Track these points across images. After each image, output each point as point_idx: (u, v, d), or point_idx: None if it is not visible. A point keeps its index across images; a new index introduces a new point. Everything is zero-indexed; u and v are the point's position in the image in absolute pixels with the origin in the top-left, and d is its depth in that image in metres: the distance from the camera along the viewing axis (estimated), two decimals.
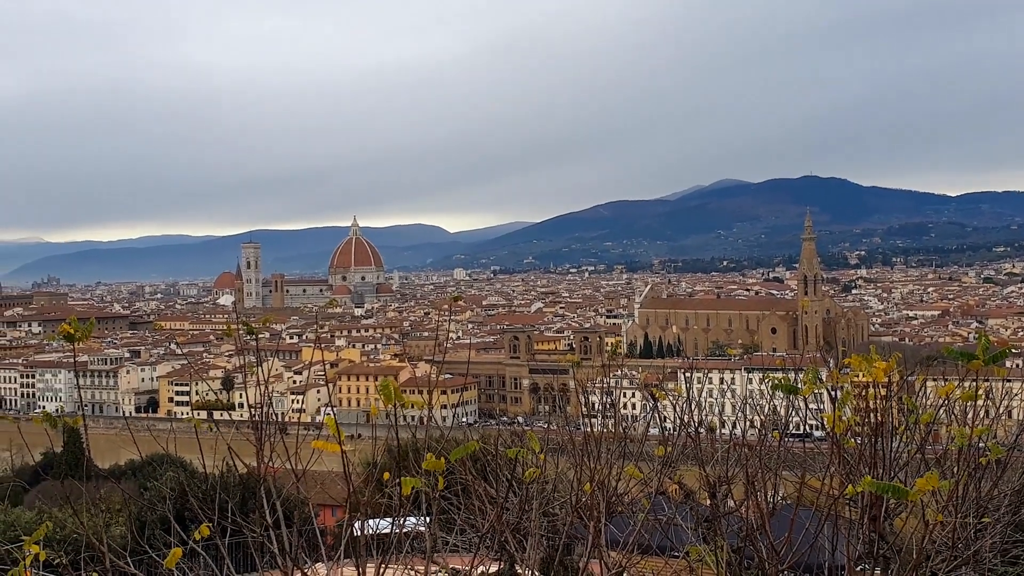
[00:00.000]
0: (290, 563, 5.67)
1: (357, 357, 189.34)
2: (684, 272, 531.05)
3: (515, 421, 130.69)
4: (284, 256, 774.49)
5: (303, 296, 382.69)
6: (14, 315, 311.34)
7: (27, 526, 30.95)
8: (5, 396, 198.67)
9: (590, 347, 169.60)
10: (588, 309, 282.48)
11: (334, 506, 36.01)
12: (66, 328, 4.95)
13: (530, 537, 7.17)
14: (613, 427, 9.30)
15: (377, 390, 5.74)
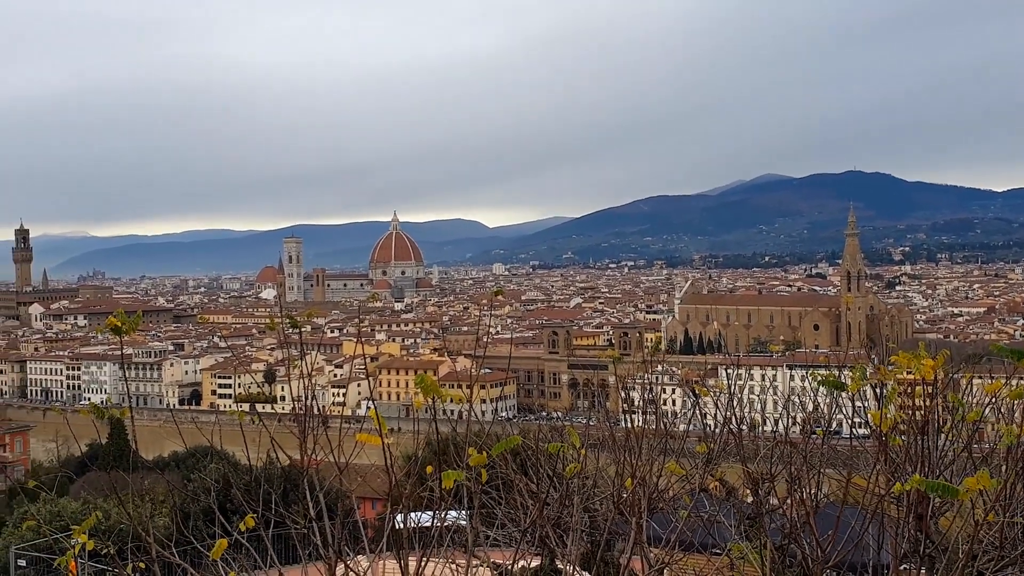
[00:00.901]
0: (333, 555, 5.70)
1: (397, 351, 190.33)
2: (725, 268, 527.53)
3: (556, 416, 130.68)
4: (325, 251, 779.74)
5: (344, 290, 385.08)
6: (60, 308, 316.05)
7: (73, 516, 31.46)
8: (52, 388, 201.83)
9: (629, 343, 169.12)
10: (627, 305, 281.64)
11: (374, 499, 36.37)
12: (113, 321, 5.01)
13: (571, 532, 7.16)
14: (654, 423, 9.26)
15: (416, 384, 5.75)
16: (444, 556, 6.40)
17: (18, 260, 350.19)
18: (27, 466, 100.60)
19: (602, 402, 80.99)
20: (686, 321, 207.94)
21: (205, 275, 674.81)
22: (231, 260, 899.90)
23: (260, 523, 5.89)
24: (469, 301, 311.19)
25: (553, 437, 10.41)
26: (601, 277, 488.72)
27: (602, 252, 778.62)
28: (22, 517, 37.39)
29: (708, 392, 9.97)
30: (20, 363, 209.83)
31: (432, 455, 6.92)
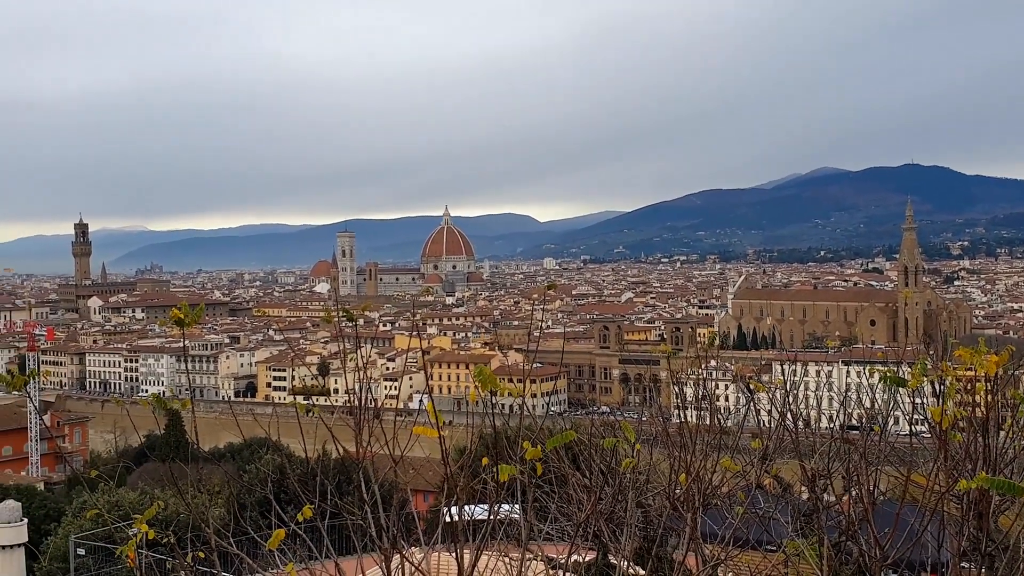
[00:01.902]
0: (388, 546, 5.74)
1: (448, 345, 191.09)
2: (779, 262, 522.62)
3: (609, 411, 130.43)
4: (378, 245, 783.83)
5: (396, 284, 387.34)
6: (119, 301, 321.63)
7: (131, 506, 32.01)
8: (110, 380, 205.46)
9: (681, 338, 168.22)
10: (680, 299, 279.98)
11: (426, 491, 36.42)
12: (176, 313, 5.10)
13: (625, 527, 7.14)
14: (708, 419, 9.21)
15: (473, 377, 5.77)
16: (497, 549, 6.41)
17: (77, 254, 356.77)
18: (86, 456, 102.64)
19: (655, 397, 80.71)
20: (739, 316, 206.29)
21: (260, 269, 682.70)
22: (286, 254, 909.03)
23: (316, 514, 5.95)
24: (520, 296, 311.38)
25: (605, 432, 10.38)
26: (653, 272, 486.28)
27: (654, 246, 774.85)
28: (82, 507, 38.12)
29: (764, 388, 9.88)
30: (79, 355, 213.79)
31: (484, 448, 6.94)
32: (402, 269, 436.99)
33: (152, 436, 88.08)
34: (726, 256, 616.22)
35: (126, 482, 52.83)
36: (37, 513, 44.63)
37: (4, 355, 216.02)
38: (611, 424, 11.45)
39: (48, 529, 39.82)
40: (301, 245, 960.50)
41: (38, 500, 54.33)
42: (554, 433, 6.50)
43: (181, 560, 5.72)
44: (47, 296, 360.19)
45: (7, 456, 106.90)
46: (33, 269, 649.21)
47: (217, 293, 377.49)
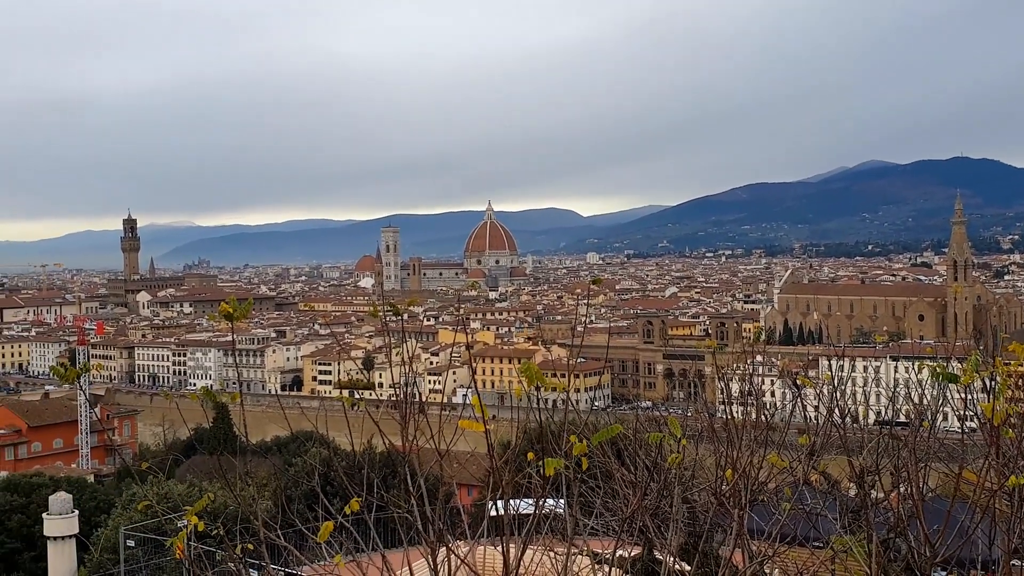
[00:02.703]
0: (434, 539, 5.77)
1: (491, 340, 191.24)
2: (826, 257, 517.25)
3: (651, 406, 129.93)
4: (421, 240, 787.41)
5: (439, 279, 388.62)
6: (167, 296, 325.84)
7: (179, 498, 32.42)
8: (159, 373, 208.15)
9: (726, 333, 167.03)
10: (725, 294, 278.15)
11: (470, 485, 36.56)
12: (225, 308, 5.16)
13: (671, 523, 7.12)
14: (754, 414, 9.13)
15: (518, 372, 5.77)
16: (543, 544, 6.42)
17: (126, 249, 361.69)
18: (135, 449, 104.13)
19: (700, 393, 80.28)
20: (786, 311, 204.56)
21: (306, 264, 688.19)
22: (331, 249, 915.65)
23: (363, 507, 5.99)
24: (563, 290, 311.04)
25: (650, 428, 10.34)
26: (698, 266, 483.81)
27: (699, 241, 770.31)
28: (131, 499, 38.64)
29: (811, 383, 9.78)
30: (128, 349, 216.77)
31: (528, 443, 6.95)
32: (445, 264, 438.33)
33: (200, 429, 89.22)
34: (772, 250, 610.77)
35: (174, 475, 53.47)
36: (88, 505, 45.34)
37: (55, 349, 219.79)
38: (656, 420, 11.42)
39: (98, 521, 40.39)
40: (346, 240, 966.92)
41: (88, 492, 55.15)
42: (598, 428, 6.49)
43: (231, 552, 5.78)
44: (97, 291, 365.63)
45: (58, 448, 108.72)
46: (83, 264, 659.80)
47: (263, 288, 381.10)
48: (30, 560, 47.44)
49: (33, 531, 45.15)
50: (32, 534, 46.45)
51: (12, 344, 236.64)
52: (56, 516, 26.88)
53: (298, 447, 58.83)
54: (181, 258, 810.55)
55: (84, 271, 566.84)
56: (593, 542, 7.52)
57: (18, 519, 52.25)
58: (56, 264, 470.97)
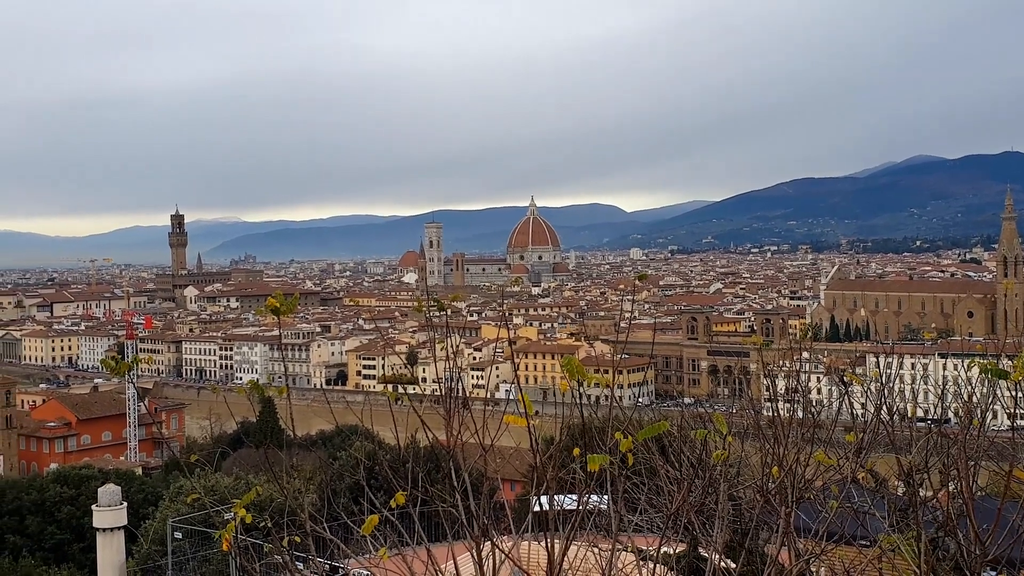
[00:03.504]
0: (479, 534, 5.78)
1: (534, 335, 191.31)
2: (874, 252, 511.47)
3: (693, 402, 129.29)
4: (464, 235, 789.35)
5: (482, 275, 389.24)
6: (214, 291, 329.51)
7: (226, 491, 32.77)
8: (205, 368, 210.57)
9: (772, 329, 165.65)
10: (770, 290, 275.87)
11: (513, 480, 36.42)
12: (272, 303, 5.21)
13: (717, 520, 7.08)
14: (800, 412, 9.06)
15: (562, 367, 5.77)
16: (587, 540, 6.41)
17: (174, 244, 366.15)
18: (182, 442, 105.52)
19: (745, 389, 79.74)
20: (832, 308, 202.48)
21: (350, 259, 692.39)
22: (375, 244, 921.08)
23: (408, 501, 6.02)
24: (606, 286, 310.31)
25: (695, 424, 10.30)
26: (743, 262, 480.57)
27: (744, 236, 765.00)
28: (179, 491, 39.10)
29: (859, 380, 9.68)
30: (176, 343, 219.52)
31: (571, 439, 6.94)
32: (488, 259, 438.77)
33: (246, 423, 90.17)
34: (818, 246, 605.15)
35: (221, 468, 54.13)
36: (136, 497, 46.00)
37: (103, 343, 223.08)
38: (700, 416, 11.36)
39: (146, 513, 40.93)
40: (390, 236, 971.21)
41: (136, 484, 55.99)
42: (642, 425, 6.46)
43: (278, 544, 5.84)
44: (145, 286, 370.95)
45: (107, 441, 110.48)
46: (131, 259, 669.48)
47: (308, 283, 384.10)
48: (79, 551, 48.27)
49: (82, 522, 45.94)
50: (81, 525, 47.27)
51: (62, 338, 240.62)
52: (105, 508, 27.21)
53: (342, 441, 59.29)
54: (228, 253, 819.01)
55: (132, 266, 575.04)
56: (637, 538, 7.50)
57: (68, 511, 53.20)
58: (105, 259, 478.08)
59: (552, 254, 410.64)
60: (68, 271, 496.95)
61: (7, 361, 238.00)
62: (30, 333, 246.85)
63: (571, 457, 6.22)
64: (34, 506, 54.41)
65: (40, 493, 55.35)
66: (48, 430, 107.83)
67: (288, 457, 7.24)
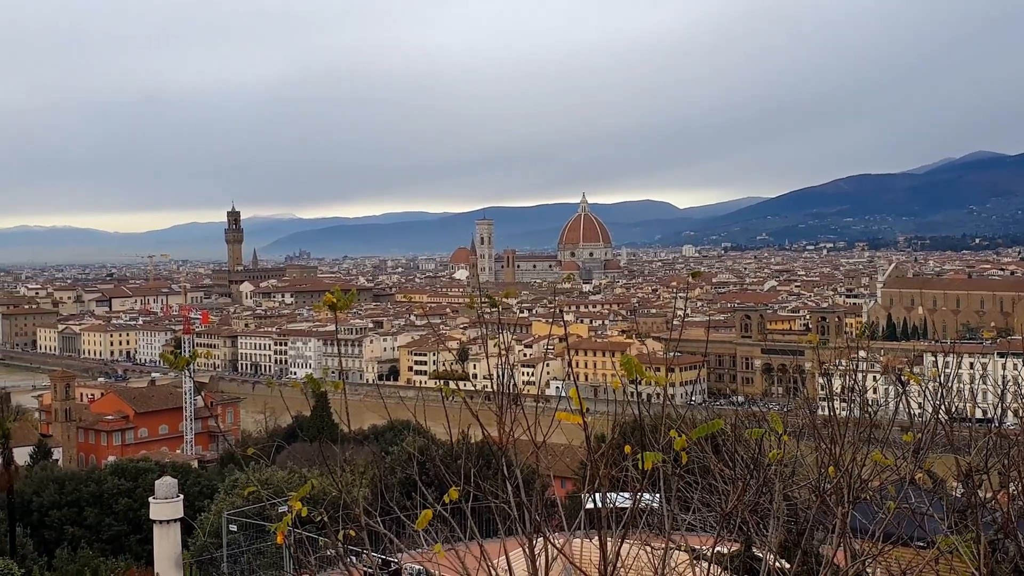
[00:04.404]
0: (532, 530, 5.79)
1: (585, 332, 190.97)
2: (932, 250, 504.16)
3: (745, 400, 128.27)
4: (515, 232, 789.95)
5: (533, 272, 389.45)
6: (269, 286, 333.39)
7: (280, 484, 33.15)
8: (260, 362, 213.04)
9: (827, 327, 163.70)
10: (826, 288, 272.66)
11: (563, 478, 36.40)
12: (329, 298, 5.26)
13: (772, 519, 7.02)
14: (857, 411, 8.95)
15: (615, 364, 5.76)
16: (639, 538, 6.39)
17: (230, 241, 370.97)
18: (237, 436, 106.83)
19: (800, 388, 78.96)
20: (889, 306, 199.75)
21: (403, 256, 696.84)
22: (427, 241, 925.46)
23: (461, 496, 6.04)
24: (658, 283, 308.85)
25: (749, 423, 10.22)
26: (798, 259, 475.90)
27: (799, 233, 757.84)
28: (234, 484, 39.60)
29: (917, 379, 9.54)
30: (232, 338, 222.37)
31: (622, 437, 6.92)
32: (539, 256, 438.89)
33: (300, 417, 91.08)
34: (875, 243, 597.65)
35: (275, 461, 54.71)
36: (192, 490, 46.61)
37: (161, 337, 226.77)
38: (755, 415, 11.27)
39: (201, 506, 41.52)
40: (441, 232, 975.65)
41: (192, 477, 56.76)
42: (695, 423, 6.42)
43: (333, 538, 5.89)
44: (201, 281, 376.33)
45: (164, 434, 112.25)
46: (188, 255, 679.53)
47: (361, 279, 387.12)
48: (136, 543, 49.04)
49: (139, 514, 46.66)
50: (138, 517, 48.00)
51: (120, 332, 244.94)
52: (162, 500, 27.65)
53: (394, 436, 59.69)
54: (283, 249, 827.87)
55: (190, 262, 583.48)
56: (690, 537, 7.46)
57: (125, 503, 54.09)
58: (163, 255, 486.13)
59: (603, 251, 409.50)
60: (127, 267, 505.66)
61: (67, 355, 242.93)
62: (89, 328, 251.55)
63: (624, 455, 6.20)
64: (92, 498, 55.34)
65: (98, 485, 56.31)
66: (106, 423, 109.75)
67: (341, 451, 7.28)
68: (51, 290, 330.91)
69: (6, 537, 45.97)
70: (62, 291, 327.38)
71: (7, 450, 52.00)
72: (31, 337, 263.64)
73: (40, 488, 56.41)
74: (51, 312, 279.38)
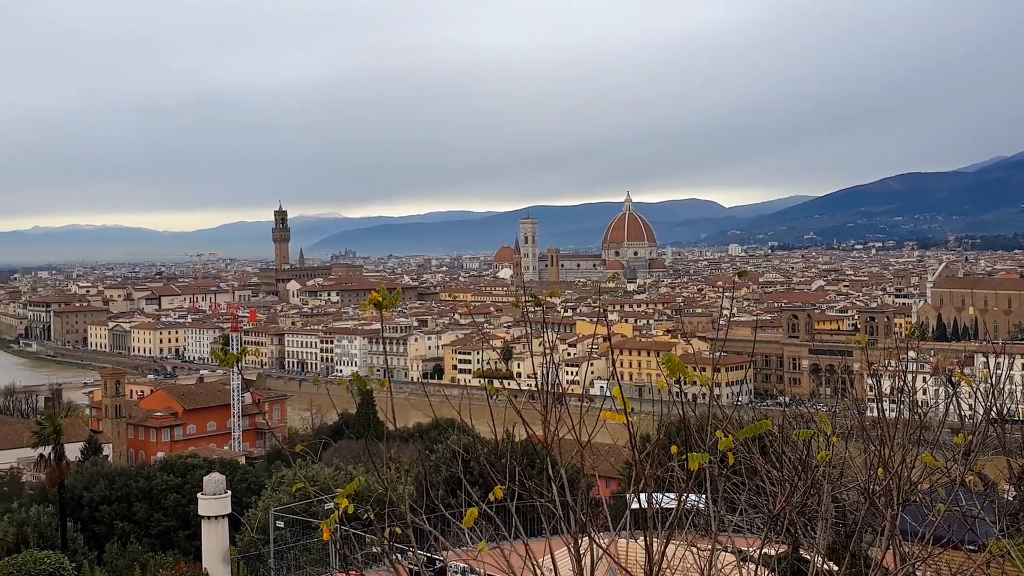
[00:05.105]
0: (577, 531, 5.78)
1: (629, 332, 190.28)
2: (983, 250, 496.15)
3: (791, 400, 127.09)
4: (559, 231, 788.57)
5: (577, 271, 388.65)
6: (315, 285, 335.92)
7: (326, 481, 33.39)
8: (307, 360, 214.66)
9: (876, 328, 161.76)
10: (874, 288, 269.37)
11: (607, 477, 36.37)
12: (375, 297, 5.29)
13: (820, 521, 6.95)
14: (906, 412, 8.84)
15: (660, 364, 5.73)
16: (685, 539, 6.36)
17: (277, 240, 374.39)
18: (284, 433, 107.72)
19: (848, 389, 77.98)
20: (939, 306, 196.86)
21: (447, 255, 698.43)
22: (471, 240, 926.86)
23: (506, 495, 6.05)
24: (703, 283, 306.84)
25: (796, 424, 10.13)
26: (846, 259, 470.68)
27: (847, 232, 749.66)
28: (281, 480, 39.97)
29: (968, 380, 9.40)
30: (278, 336, 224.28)
31: (667, 437, 6.89)
32: (583, 255, 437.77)
33: (345, 414, 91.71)
34: (925, 243, 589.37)
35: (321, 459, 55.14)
36: (239, 486, 47.08)
37: (209, 335, 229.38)
38: (802, 416, 11.16)
39: (249, 502, 41.89)
40: (485, 231, 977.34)
41: (240, 474, 57.28)
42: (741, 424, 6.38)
43: (380, 535, 5.92)
44: (249, 280, 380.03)
45: (212, 431, 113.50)
46: (236, 254, 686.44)
47: (406, 278, 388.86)
48: (185, 538, 49.64)
49: (188, 510, 47.20)
50: (187, 513, 48.57)
51: (169, 330, 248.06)
52: (210, 496, 27.97)
53: (439, 434, 59.86)
54: (328, 248, 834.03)
55: (237, 260, 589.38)
56: (737, 539, 7.42)
57: (174, 498, 54.73)
58: (211, 254, 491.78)
59: (648, 250, 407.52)
60: (176, 265, 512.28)
61: (117, 352, 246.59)
62: (139, 325, 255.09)
63: (669, 455, 6.18)
64: (142, 493, 56.03)
65: (147, 481, 57.00)
66: (156, 419, 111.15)
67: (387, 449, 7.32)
68: (102, 288, 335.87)
69: (57, 532, 46.74)
70: (112, 289, 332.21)
71: (59, 446, 52.91)
72: (82, 335, 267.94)
73: (91, 484, 57.22)
74: (102, 310, 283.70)
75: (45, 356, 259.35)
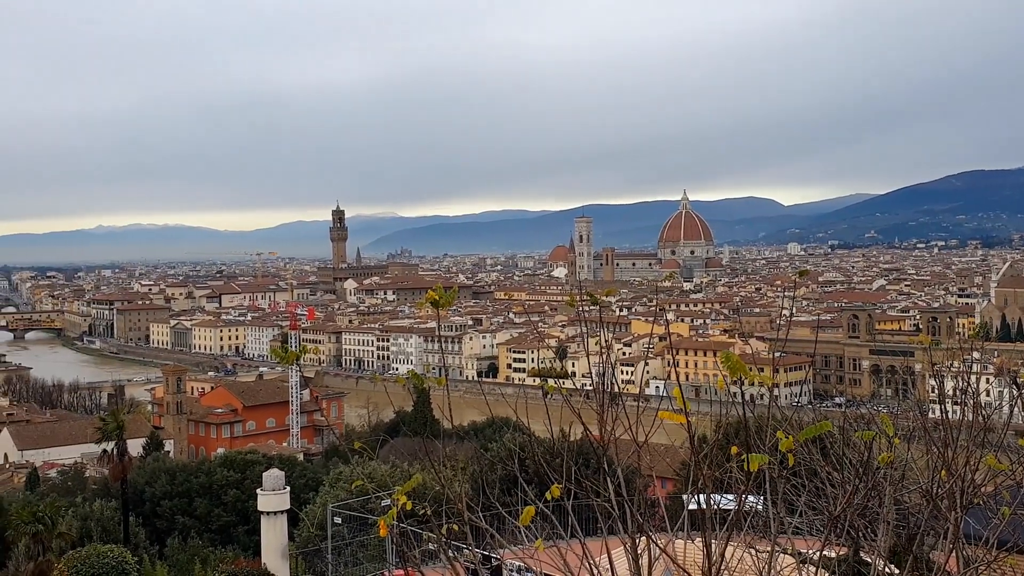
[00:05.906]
0: (635, 530, 5.76)
1: (686, 331, 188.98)
2: None
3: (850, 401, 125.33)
4: (614, 230, 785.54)
5: (632, 270, 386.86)
6: (372, 283, 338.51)
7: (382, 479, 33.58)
8: (364, 358, 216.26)
9: (939, 328, 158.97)
10: (937, 287, 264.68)
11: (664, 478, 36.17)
12: (432, 295, 5.32)
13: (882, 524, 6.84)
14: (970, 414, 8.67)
15: (719, 363, 5.68)
16: (744, 541, 6.30)
17: (335, 239, 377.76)
18: (341, 430, 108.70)
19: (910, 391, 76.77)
20: (1003, 306, 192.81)
21: (501, 254, 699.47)
22: (525, 239, 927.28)
23: (563, 494, 6.04)
24: (762, 282, 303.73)
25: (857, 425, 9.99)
26: (908, 258, 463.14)
27: (909, 231, 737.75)
28: (338, 477, 40.28)
29: None
30: (336, 334, 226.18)
31: (725, 437, 6.83)
32: (638, 254, 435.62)
33: (401, 412, 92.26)
34: (989, 242, 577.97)
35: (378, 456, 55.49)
36: (297, 482, 47.56)
37: (268, 333, 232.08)
38: (863, 417, 11.00)
39: (307, 498, 42.28)
40: (540, 230, 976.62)
41: (298, 470, 57.89)
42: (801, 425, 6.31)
43: (438, 532, 5.95)
44: (307, 278, 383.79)
45: (271, 427, 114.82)
46: (294, 253, 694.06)
47: (461, 276, 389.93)
48: (244, 533, 50.29)
49: (247, 506, 47.80)
50: (246, 508, 49.19)
51: (230, 328, 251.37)
52: (269, 492, 28.28)
53: (494, 432, 59.98)
54: (385, 247, 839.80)
55: (296, 259, 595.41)
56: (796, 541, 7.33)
57: (234, 494, 55.45)
58: (271, 253, 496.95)
59: (705, 249, 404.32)
60: (236, 264, 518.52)
61: (178, 349, 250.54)
62: (200, 323, 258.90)
63: (727, 456, 6.13)
64: (202, 489, 56.83)
65: (208, 476, 57.80)
66: (216, 416, 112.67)
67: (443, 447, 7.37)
68: (163, 286, 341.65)
69: (120, 526, 47.58)
70: (174, 287, 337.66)
71: (121, 442, 53.87)
72: (144, 332, 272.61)
73: (152, 479, 58.19)
74: (163, 308, 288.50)
75: (108, 353, 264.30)
